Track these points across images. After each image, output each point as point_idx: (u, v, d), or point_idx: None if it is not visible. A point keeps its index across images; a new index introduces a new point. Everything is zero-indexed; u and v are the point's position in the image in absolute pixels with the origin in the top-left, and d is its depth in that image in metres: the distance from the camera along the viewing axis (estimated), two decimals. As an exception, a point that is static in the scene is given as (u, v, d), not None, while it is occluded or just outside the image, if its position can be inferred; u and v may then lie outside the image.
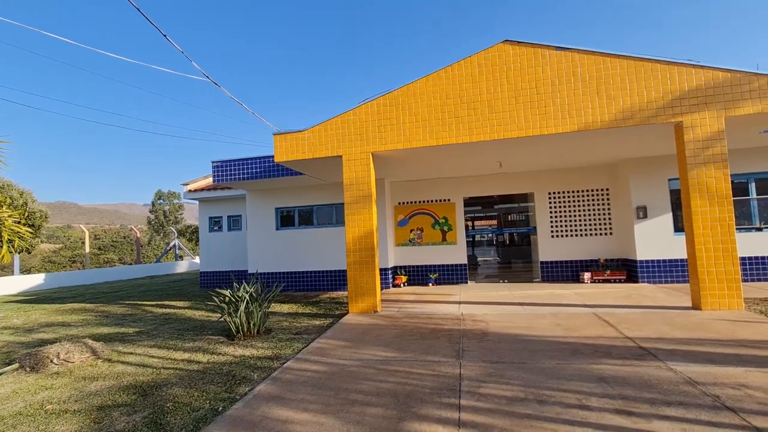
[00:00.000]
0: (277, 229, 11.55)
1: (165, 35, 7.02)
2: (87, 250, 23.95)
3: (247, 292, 6.18)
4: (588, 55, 6.57)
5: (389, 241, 10.71)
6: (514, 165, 9.57)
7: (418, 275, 11.05)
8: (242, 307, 5.99)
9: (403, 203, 11.34)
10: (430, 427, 3.00)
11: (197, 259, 26.94)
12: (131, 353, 5.57)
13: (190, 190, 13.54)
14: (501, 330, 5.66)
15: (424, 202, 11.21)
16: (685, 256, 8.63)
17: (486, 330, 5.71)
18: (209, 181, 14.18)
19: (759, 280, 8.57)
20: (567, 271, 10.22)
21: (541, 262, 10.43)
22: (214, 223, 13.86)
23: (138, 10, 6.39)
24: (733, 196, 6.94)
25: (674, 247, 8.91)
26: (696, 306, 6.30)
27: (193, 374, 4.54)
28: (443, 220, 11.03)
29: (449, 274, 10.87)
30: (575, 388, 3.54)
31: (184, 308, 9.41)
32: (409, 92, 7.18)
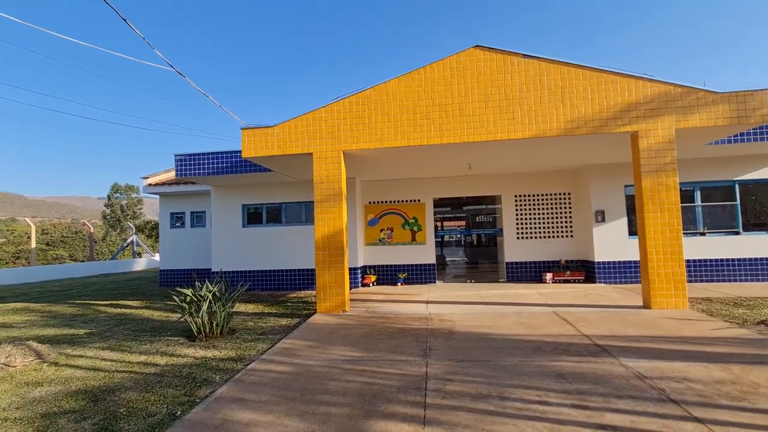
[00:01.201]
0: (243, 226, 11.22)
1: (125, 19, 6.64)
2: (33, 245, 22.27)
3: (210, 292, 5.96)
4: (553, 64, 6.84)
5: (359, 241, 10.67)
6: (482, 167, 9.81)
7: (387, 275, 11.09)
8: (205, 307, 5.77)
9: (374, 203, 11.34)
10: (395, 425, 3.01)
11: (157, 257, 25.68)
12: (81, 356, 5.23)
13: (150, 184, 12.89)
14: (467, 329, 5.78)
15: (394, 202, 11.26)
16: (637, 258, 9.19)
17: (453, 329, 5.81)
18: (171, 175, 13.56)
19: (701, 281, 9.25)
20: (531, 272, 10.60)
21: (507, 263, 10.75)
22: (176, 219, 13.27)
23: (95, -10, 6.00)
24: (681, 203, 7.45)
25: (628, 250, 9.46)
26: (647, 305, 6.71)
27: (149, 377, 4.32)
28: (413, 221, 11.13)
29: (418, 274, 10.98)
30: (536, 384, 3.67)
31: (142, 308, 8.95)
32: (382, 92, 7.19)
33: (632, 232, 9.51)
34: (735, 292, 7.87)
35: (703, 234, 9.44)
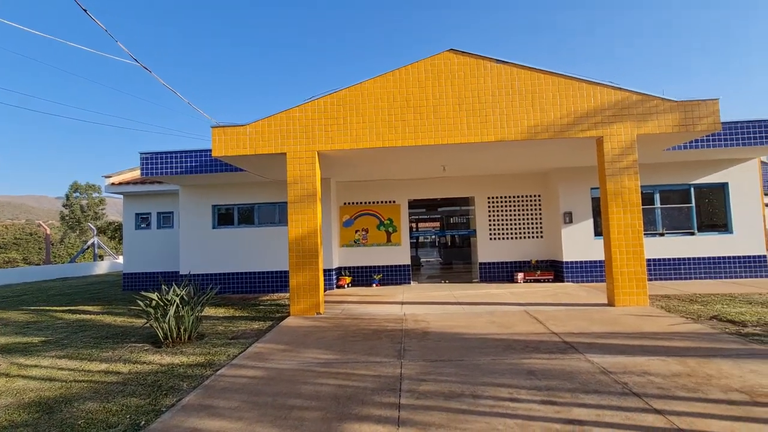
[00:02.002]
0: (214, 227, 10.88)
1: (85, 10, 6.30)
2: (-18, 248, 20.72)
3: (177, 295, 5.73)
4: (525, 70, 7.03)
5: (334, 242, 10.58)
6: (456, 169, 9.96)
7: (362, 276, 11.05)
8: (171, 311, 5.54)
9: (349, 204, 11.28)
10: (369, 427, 2.99)
11: (120, 259, 24.51)
12: (35, 366, 4.90)
13: (113, 183, 12.29)
14: (441, 329, 5.84)
15: (369, 203, 11.24)
16: (603, 257, 9.58)
17: (427, 329, 5.85)
18: (136, 174, 12.98)
19: (660, 279, 9.77)
20: (503, 272, 10.85)
21: (480, 263, 10.96)
22: (142, 220, 12.71)
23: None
24: (642, 206, 7.83)
25: (594, 250, 9.85)
26: (611, 303, 7.01)
27: (111, 387, 4.10)
28: (388, 222, 11.15)
29: (393, 275, 11.01)
30: (507, 382, 3.75)
31: (103, 313, 8.50)
32: (357, 92, 7.16)
33: (598, 232, 9.92)
34: (691, 290, 8.36)
35: (662, 234, 9.97)
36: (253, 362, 4.66)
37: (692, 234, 9.89)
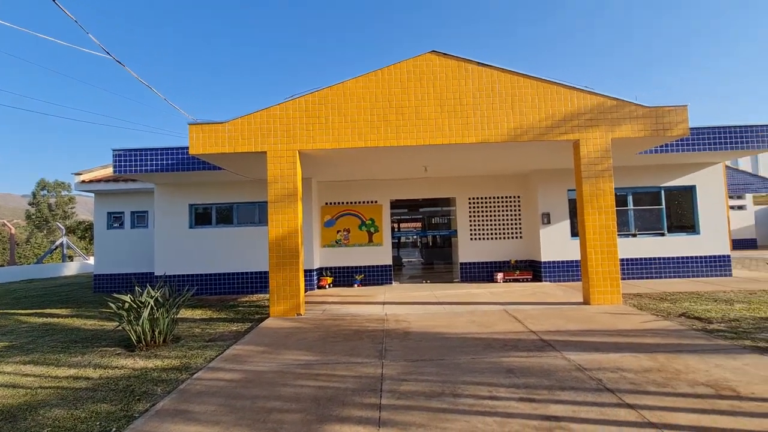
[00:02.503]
0: (191, 227, 10.60)
1: (54, 0, 6.03)
2: (-62, 248, 19.54)
3: (152, 297, 5.55)
4: (505, 73, 7.15)
5: (315, 242, 10.49)
6: (438, 170, 10.04)
7: (344, 276, 10.99)
8: (145, 314, 5.36)
9: (331, 204, 11.20)
10: (350, 428, 2.97)
11: (91, 260, 23.58)
12: (-4, 373, 4.65)
13: (84, 181, 11.80)
14: (422, 329, 5.87)
15: (351, 203, 11.20)
16: (579, 257, 9.85)
17: (408, 329, 5.87)
18: (109, 171, 12.51)
19: (633, 278, 10.12)
20: (483, 272, 11.00)
21: (461, 263, 11.08)
22: (114, 219, 12.26)
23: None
24: (616, 207, 8.09)
25: (570, 250, 10.11)
26: (586, 301, 7.21)
27: (80, 393, 3.93)
28: (370, 222, 11.13)
29: (375, 275, 10.99)
30: (487, 380, 3.80)
31: (72, 317, 8.14)
32: (339, 92, 7.12)
33: (574, 233, 10.19)
34: (661, 288, 8.69)
35: (634, 235, 10.33)
36: (231, 365, 4.56)
37: (662, 235, 10.29)
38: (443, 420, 3.05)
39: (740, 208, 21.34)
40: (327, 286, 10.58)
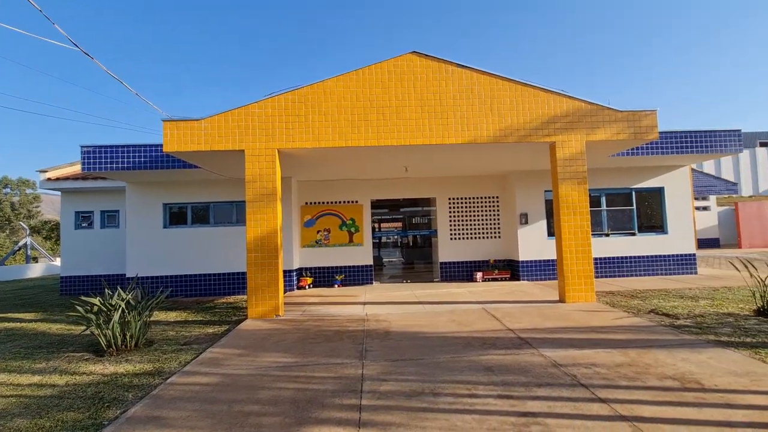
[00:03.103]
0: (165, 227, 10.28)
1: (18, -14, 5.71)
2: None
3: (123, 300, 5.34)
4: (484, 75, 7.26)
5: (295, 242, 10.36)
6: (419, 171, 10.09)
7: (324, 277, 10.90)
8: (116, 317, 5.16)
9: (311, 203, 11.09)
10: (329, 430, 2.94)
11: (57, 262, 22.52)
12: (-49, 382, 4.36)
13: (50, 179, 11.25)
14: (403, 329, 5.88)
15: (332, 203, 11.12)
16: (555, 257, 10.10)
17: (389, 329, 5.87)
18: (77, 169, 11.98)
19: (606, 276, 10.46)
20: (463, 271, 11.13)
21: (441, 263, 11.18)
22: (83, 219, 11.74)
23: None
24: (590, 208, 8.34)
25: (547, 250, 10.36)
26: (562, 299, 7.40)
27: (44, 401, 3.74)
28: (350, 222, 11.08)
29: (355, 276, 10.95)
30: (466, 378, 3.84)
31: (37, 321, 7.75)
32: (320, 90, 7.05)
33: (550, 233, 10.44)
34: (632, 286, 9.02)
35: (607, 235, 10.68)
36: (207, 368, 4.44)
37: (633, 234, 10.68)
38: (423, 419, 3.07)
39: (705, 209, 22.42)
40: (307, 287, 10.47)
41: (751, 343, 4.59)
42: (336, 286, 10.63)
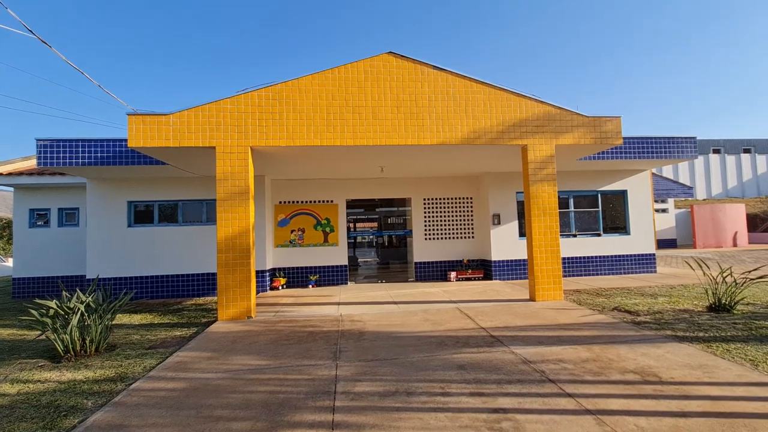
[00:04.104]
0: (129, 226, 9.83)
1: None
2: None
3: (82, 302, 5.06)
4: (459, 78, 7.37)
5: (268, 242, 10.15)
6: (394, 171, 10.13)
7: (298, 277, 10.74)
8: (75, 321, 4.88)
9: (285, 202, 10.90)
10: (302, 434, 2.89)
11: (10, 262, 21.07)
12: None
13: (1, 174, 10.52)
14: (377, 329, 5.88)
15: (306, 202, 10.98)
16: (525, 256, 10.40)
17: (363, 329, 5.85)
18: (32, 163, 11.27)
19: (573, 275, 10.86)
20: (437, 271, 11.26)
21: (416, 263, 11.26)
22: (38, 217, 11.05)
23: None
24: (559, 209, 8.64)
25: (518, 249, 10.65)
26: (532, 298, 7.62)
27: (-9, 412, 3.48)
28: (326, 222, 10.98)
29: (330, 276, 10.86)
30: (439, 377, 3.88)
31: (-15, 326, 7.21)
32: (295, 88, 6.95)
33: (522, 233, 10.74)
34: (597, 284, 9.40)
35: (574, 236, 11.10)
36: (174, 373, 4.27)
37: (599, 235, 11.15)
38: (397, 419, 3.07)
39: (663, 211, 23.72)
40: (280, 288, 10.29)
41: (703, 338, 4.89)
42: (310, 286, 10.51)
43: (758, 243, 24.08)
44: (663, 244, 22.74)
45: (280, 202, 10.87)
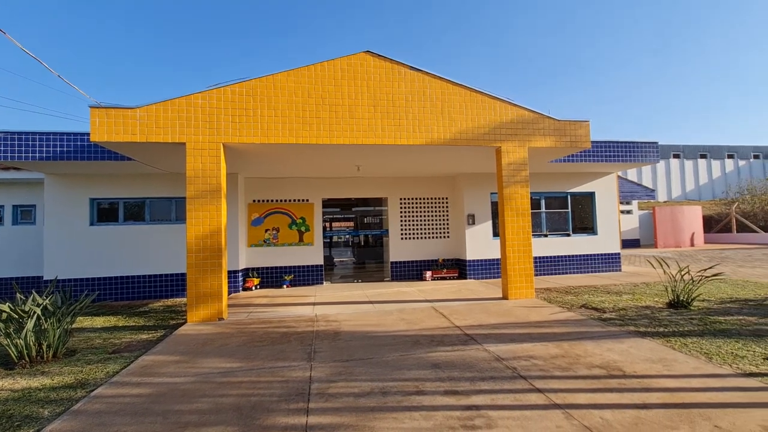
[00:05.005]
0: (92, 224, 9.35)
1: None
2: None
3: (38, 305, 4.77)
4: (436, 79, 7.44)
5: (241, 241, 9.91)
6: (371, 170, 10.11)
7: (272, 277, 10.55)
8: (30, 325, 4.59)
9: (259, 201, 10.68)
10: (275, 437, 2.83)
11: (-41, 263, 19.59)
12: None
13: (-52, 168, 9.76)
14: (352, 328, 5.85)
15: (281, 201, 10.79)
16: (499, 256, 10.63)
17: (338, 329, 5.81)
18: (-15, 157, 10.51)
19: (544, 274, 11.20)
20: (413, 270, 11.33)
21: (392, 262, 11.29)
22: (-9, 215, 10.33)
23: None
24: (531, 210, 8.87)
25: (492, 249, 10.87)
26: (505, 296, 7.79)
27: (-67, 425, 3.22)
28: (301, 221, 10.83)
29: (305, 276, 10.73)
30: (414, 376, 3.90)
31: (-72, 332, 6.67)
32: (270, 84, 6.81)
33: (495, 233, 10.97)
34: (567, 283, 9.73)
35: (546, 235, 11.44)
36: (140, 378, 4.09)
37: (568, 235, 11.54)
38: (372, 419, 3.06)
39: (628, 212, 24.86)
40: (254, 288, 10.07)
41: (663, 333, 5.15)
42: (285, 286, 10.34)
43: (713, 243, 25.66)
44: (627, 243, 23.83)
45: (254, 201, 10.64)
